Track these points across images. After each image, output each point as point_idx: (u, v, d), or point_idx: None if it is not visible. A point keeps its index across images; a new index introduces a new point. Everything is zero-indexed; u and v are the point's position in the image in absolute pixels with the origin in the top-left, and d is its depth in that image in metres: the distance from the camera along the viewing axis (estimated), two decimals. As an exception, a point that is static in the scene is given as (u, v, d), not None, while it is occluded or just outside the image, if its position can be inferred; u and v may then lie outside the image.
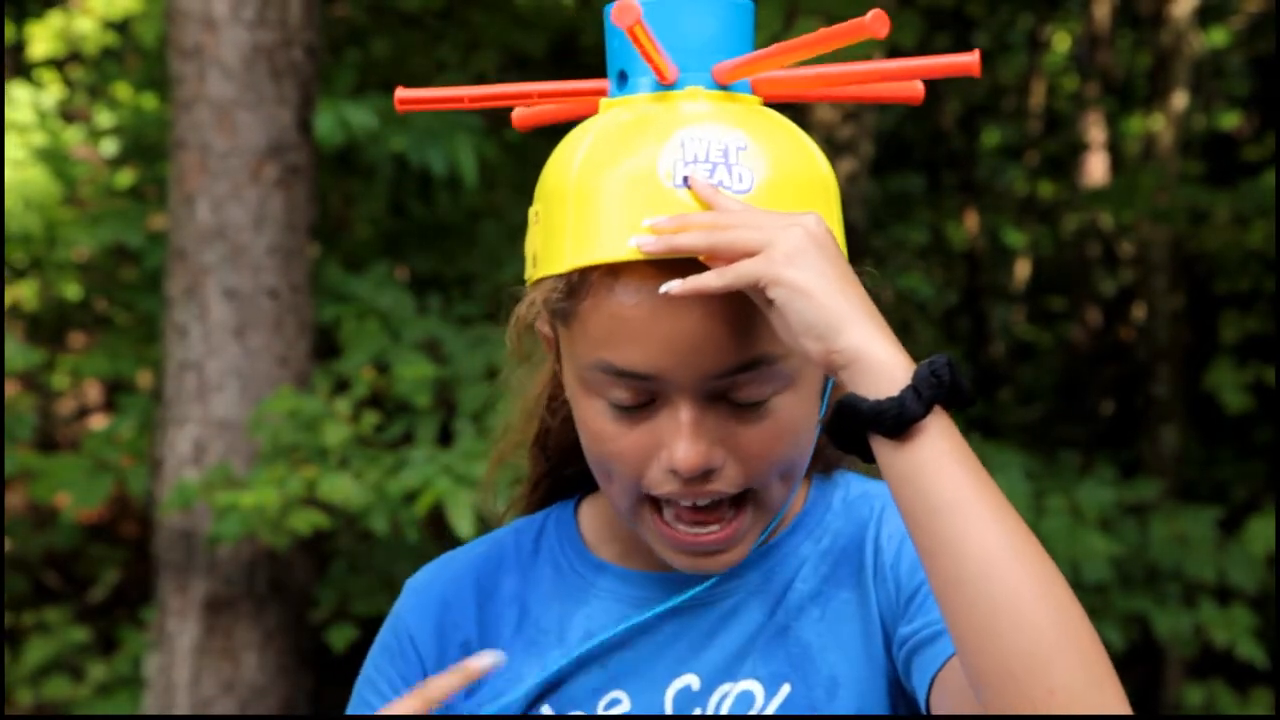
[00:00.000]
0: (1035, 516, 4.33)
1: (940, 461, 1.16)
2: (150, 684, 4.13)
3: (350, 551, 4.54)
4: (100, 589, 6.50)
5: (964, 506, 1.15)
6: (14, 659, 5.73)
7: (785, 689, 1.33)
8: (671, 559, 1.32)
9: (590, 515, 1.43)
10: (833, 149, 5.70)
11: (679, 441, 1.26)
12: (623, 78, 1.32)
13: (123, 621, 5.99)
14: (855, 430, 1.18)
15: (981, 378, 7.58)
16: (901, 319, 7.73)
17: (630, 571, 1.38)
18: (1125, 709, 1.12)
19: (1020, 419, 7.15)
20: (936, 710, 1.23)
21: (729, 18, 1.31)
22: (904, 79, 1.33)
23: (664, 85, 1.30)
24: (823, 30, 1.24)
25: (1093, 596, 4.72)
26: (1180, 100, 6.36)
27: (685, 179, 1.24)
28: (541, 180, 1.31)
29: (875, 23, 1.20)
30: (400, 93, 1.37)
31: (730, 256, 1.20)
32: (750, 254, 1.19)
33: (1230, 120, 7.60)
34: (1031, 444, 5.99)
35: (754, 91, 1.33)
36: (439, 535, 3.95)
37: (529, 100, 1.40)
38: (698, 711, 1.33)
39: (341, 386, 4.15)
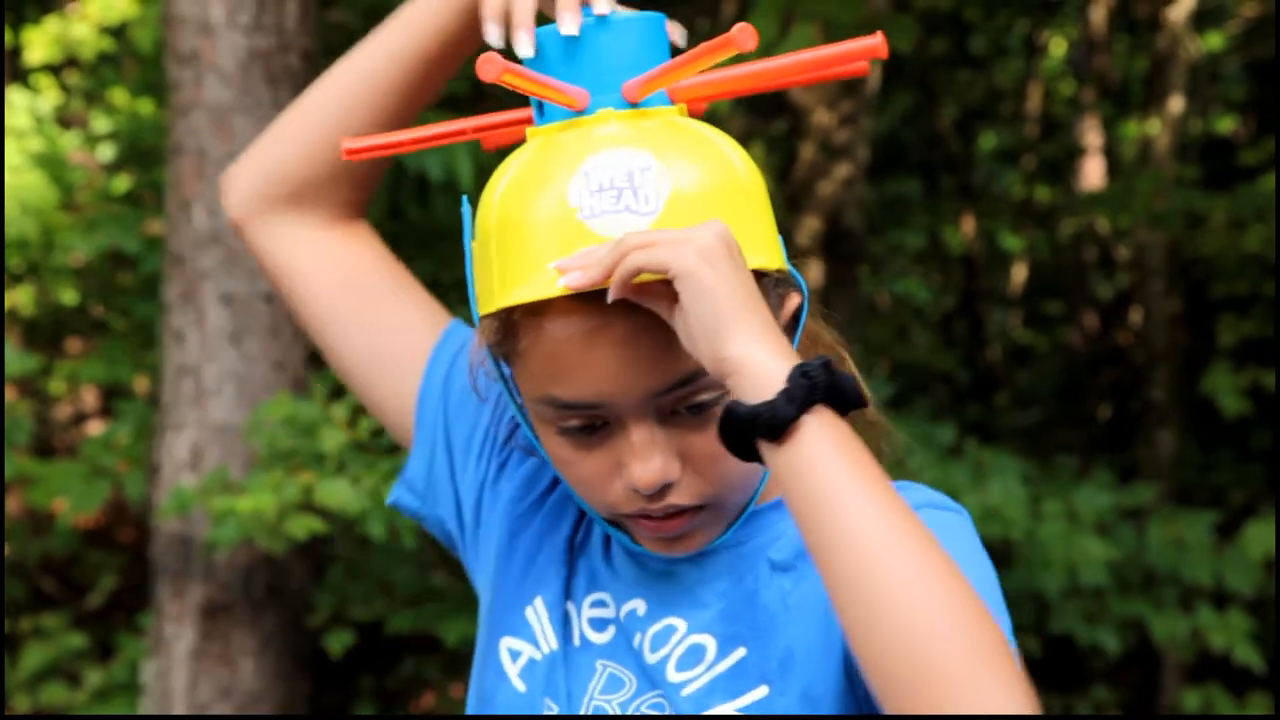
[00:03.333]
0: (1032, 521, 4.33)
1: (818, 460, 1.17)
2: (147, 690, 4.13)
3: (347, 557, 4.54)
4: (97, 595, 6.49)
5: (843, 505, 1.16)
6: (11, 665, 5.72)
7: (740, 652, 1.36)
8: (643, 544, 1.37)
9: None
10: (828, 153, 5.70)
11: (634, 462, 1.29)
12: (540, 106, 1.34)
13: (120, 627, 5.98)
14: (742, 435, 1.20)
15: (978, 382, 7.58)
16: (899, 323, 7.73)
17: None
18: (1021, 696, 1.12)
19: (1017, 423, 7.15)
20: None
21: (636, 34, 1.32)
22: (809, 72, 1.36)
23: (577, 112, 1.31)
24: (701, 46, 1.27)
25: (1090, 601, 4.71)
26: (1177, 105, 6.36)
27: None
28: (476, 217, 1.34)
29: (741, 36, 1.24)
30: (347, 143, 1.40)
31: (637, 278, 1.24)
32: (662, 268, 1.21)
33: (1227, 124, 7.60)
34: (1029, 448, 5.98)
35: (673, 100, 1.34)
36: (436, 541, 3.94)
37: (464, 136, 1.42)
38: (638, 636, 1.38)
39: (339, 392, 4.14)
